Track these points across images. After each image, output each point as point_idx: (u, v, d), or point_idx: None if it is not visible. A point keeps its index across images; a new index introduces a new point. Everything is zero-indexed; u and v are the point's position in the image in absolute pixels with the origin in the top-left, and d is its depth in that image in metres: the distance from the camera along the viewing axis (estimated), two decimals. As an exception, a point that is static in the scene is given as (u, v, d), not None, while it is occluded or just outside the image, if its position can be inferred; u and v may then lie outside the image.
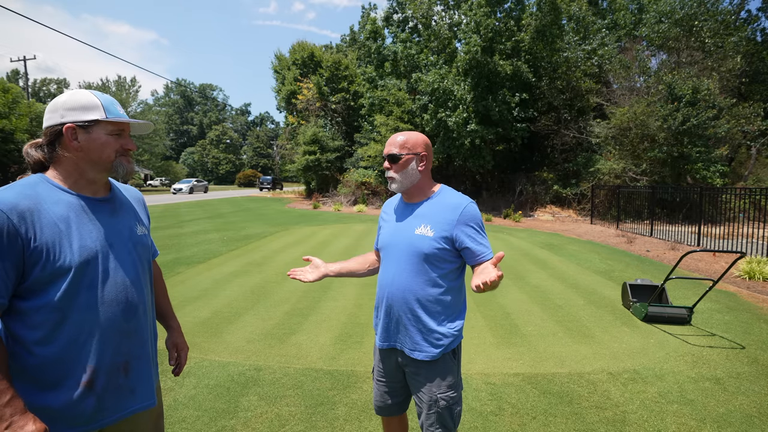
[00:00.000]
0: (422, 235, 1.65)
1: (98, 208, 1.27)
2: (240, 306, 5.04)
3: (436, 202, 1.72)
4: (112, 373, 1.22)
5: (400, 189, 1.74)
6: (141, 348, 1.31)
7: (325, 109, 27.52)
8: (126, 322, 1.26)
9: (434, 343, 1.66)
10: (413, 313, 1.67)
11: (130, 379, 1.27)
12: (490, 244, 1.66)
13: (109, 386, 1.22)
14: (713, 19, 16.72)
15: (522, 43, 18.11)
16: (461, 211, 1.65)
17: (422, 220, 1.68)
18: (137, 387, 1.29)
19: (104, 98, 1.26)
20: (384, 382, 1.84)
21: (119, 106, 1.29)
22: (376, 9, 29.09)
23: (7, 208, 1.09)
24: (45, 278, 1.13)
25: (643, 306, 4.66)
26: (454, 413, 1.69)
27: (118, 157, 1.27)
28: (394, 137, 1.76)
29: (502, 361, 3.59)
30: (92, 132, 1.22)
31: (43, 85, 63.31)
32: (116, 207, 1.33)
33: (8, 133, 26.46)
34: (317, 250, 8.88)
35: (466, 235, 1.63)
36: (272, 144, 71.70)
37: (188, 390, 3.05)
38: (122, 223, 1.32)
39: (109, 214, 1.29)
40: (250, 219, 15.33)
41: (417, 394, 1.73)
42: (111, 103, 1.27)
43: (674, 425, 2.69)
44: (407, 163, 1.71)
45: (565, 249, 9.44)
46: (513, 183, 19.99)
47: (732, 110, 15.05)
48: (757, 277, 6.62)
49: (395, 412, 1.88)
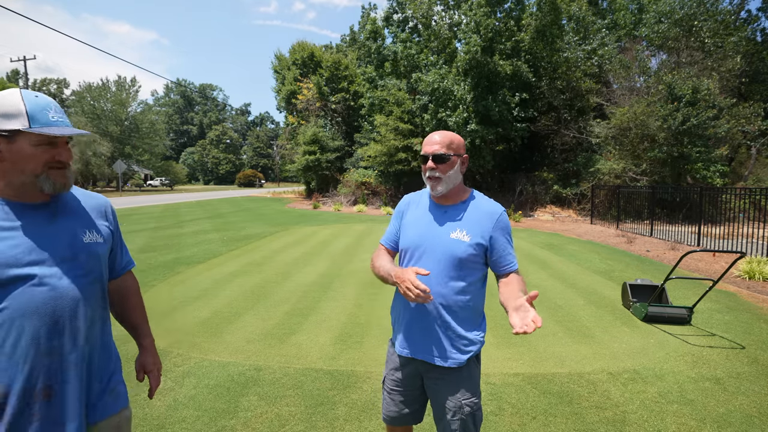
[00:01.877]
0: (458, 240, 1.62)
1: (27, 213, 1.14)
2: (240, 306, 5.04)
3: (471, 207, 1.69)
4: (26, 398, 1.07)
5: (445, 191, 1.68)
6: (71, 371, 1.14)
7: (325, 109, 27.53)
8: (49, 341, 1.10)
9: (462, 349, 1.63)
10: (443, 319, 1.62)
11: (53, 407, 1.11)
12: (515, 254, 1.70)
13: (24, 414, 1.07)
14: (713, 19, 16.72)
15: (522, 43, 18.11)
16: (497, 218, 1.66)
17: (458, 225, 1.65)
18: (68, 417, 1.13)
19: (33, 103, 1.11)
20: (400, 391, 1.75)
21: (54, 112, 1.13)
22: (376, 9, 29.12)
23: None
24: None
25: (643, 306, 4.66)
26: (477, 419, 1.66)
27: (46, 171, 1.12)
28: (438, 136, 1.68)
29: (502, 361, 3.59)
30: (16, 142, 1.09)
31: (43, 85, 63.31)
32: (57, 212, 1.19)
33: (8, 133, 26.43)
34: (317, 250, 8.88)
35: (499, 243, 1.64)
36: (272, 144, 71.74)
37: (188, 390, 3.05)
38: (62, 229, 1.18)
39: (45, 219, 1.16)
40: (250, 219, 15.33)
41: (439, 400, 1.67)
42: (42, 108, 1.11)
43: (674, 425, 2.69)
44: (453, 165, 1.67)
45: (565, 249, 9.44)
46: (513, 183, 19.98)
47: (732, 110, 15.05)
48: (757, 277, 6.62)
49: (410, 422, 1.79)
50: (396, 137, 19.34)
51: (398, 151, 19.20)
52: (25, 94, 1.11)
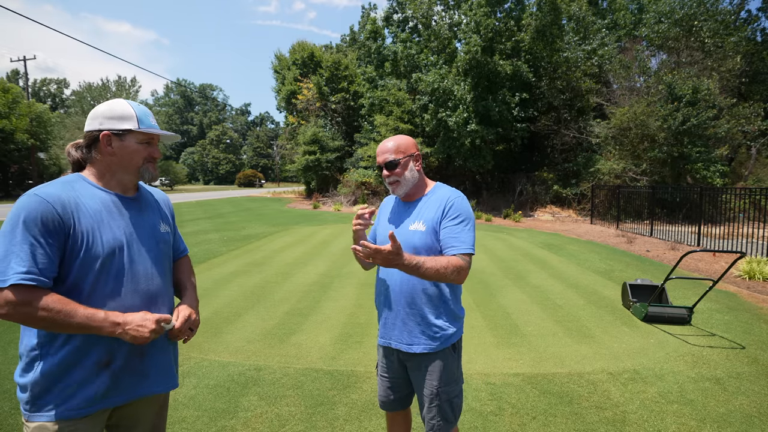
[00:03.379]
0: (415, 230, 1.71)
1: (127, 205, 1.41)
2: (240, 306, 5.04)
3: (429, 199, 1.77)
4: (129, 356, 1.34)
5: (405, 191, 1.78)
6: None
7: (325, 109, 27.51)
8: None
9: (432, 336, 1.70)
10: (411, 306, 1.71)
11: (144, 364, 1.38)
12: (470, 240, 1.65)
13: (126, 368, 1.33)
14: (713, 19, 16.71)
15: (522, 43, 18.11)
16: (446, 203, 1.70)
17: (416, 217, 1.74)
18: (151, 372, 1.40)
19: (139, 110, 1.40)
20: (387, 378, 1.87)
21: (152, 118, 1.44)
22: (376, 9, 29.08)
23: (53, 200, 1.24)
24: (77, 264, 1.26)
25: (643, 306, 4.66)
26: (454, 406, 1.74)
27: (145, 164, 1.41)
28: (384, 144, 1.78)
29: (502, 361, 3.59)
30: (125, 140, 1.37)
31: (43, 85, 63.33)
32: (143, 206, 1.47)
33: (8, 133, 26.44)
34: (317, 250, 8.88)
35: (445, 227, 1.67)
36: (272, 144, 71.72)
37: (188, 390, 3.05)
38: (147, 220, 1.45)
39: (136, 211, 1.43)
40: (250, 219, 15.32)
41: (418, 388, 1.77)
42: (145, 114, 1.41)
43: (674, 425, 2.69)
44: (406, 166, 1.76)
45: (565, 249, 9.44)
46: (513, 183, 19.98)
47: (732, 110, 15.05)
48: (757, 277, 6.62)
49: (398, 407, 1.91)
50: (396, 137, 19.33)
51: (398, 151, 19.17)
52: (131, 103, 1.40)
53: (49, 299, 1.18)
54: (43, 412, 1.23)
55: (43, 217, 1.20)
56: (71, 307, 1.19)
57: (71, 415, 1.25)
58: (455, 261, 1.59)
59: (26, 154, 28.96)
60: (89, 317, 1.20)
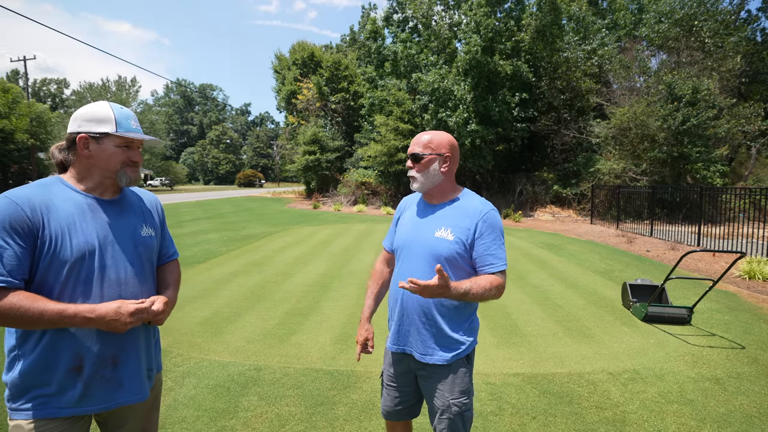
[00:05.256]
0: (442, 238, 1.62)
1: (105, 208, 1.39)
2: (240, 306, 5.04)
3: (457, 206, 1.68)
4: (99, 364, 1.32)
5: (421, 189, 1.71)
6: (132, 343, 1.39)
7: (325, 109, 27.52)
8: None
9: (448, 347, 1.64)
10: (428, 316, 1.64)
11: (118, 372, 1.35)
12: (505, 256, 1.63)
13: (96, 376, 1.31)
14: (713, 19, 16.71)
15: (522, 43, 18.11)
16: (482, 216, 1.63)
17: (443, 223, 1.65)
18: (125, 380, 1.37)
19: (119, 113, 1.38)
20: (394, 387, 1.79)
21: (134, 122, 1.42)
22: (376, 9, 29.13)
23: (21, 202, 1.24)
24: (46, 266, 1.26)
25: (643, 306, 4.66)
26: (465, 419, 1.67)
27: (123, 167, 1.39)
28: (420, 136, 1.71)
29: (502, 361, 3.59)
30: (102, 143, 1.36)
31: (43, 85, 63.33)
32: (124, 208, 1.45)
33: (8, 133, 26.46)
34: (317, 250, 8.88)
35: (480, 243, 1.61)
36: (272, 144, 71.70)
37: (188, 390, 3.05)
38: (127, 223, 1.43)
39: (115, 214, 1.41)
40: (250, 219, 15.32)
41: (429, 398, 1.71)
42: (125, 118, 1.39)
43: (674, 425, 2.69)
44: (429, 164, 1.68)
45: (565, 249, 9.44)
46: (513, 183, 19.99)
47: (732, 110, 15.04)
48: (757, 277, 6.62)
49: (405, 417, 1.82)
50: (396, 137, 19.35)
51: (398, 151, 19.20)
52: (113, 106, 1.39)
53: (16, 297, 1.18)
54: (21, 411, 1.25)
55: (11, 219, 1.21)
56: (40, 303, 1.20)
57: (45, 414, 1.26)
58: (496, 281, 1.57)
59: (26, 154, 28.98)
60: (59, 312, 1.21)
